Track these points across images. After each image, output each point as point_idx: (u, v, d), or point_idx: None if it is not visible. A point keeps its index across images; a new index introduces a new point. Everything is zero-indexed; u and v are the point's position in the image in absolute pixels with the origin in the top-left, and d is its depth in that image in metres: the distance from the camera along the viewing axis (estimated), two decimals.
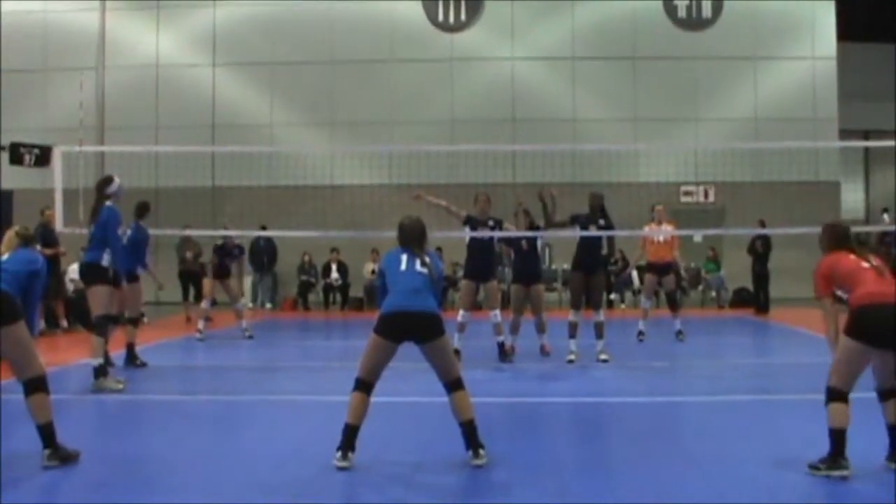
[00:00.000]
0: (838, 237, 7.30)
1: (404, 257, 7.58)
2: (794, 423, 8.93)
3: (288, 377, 13.26)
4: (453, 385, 7.35)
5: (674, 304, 17.28)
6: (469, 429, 7.29)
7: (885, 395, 6.94)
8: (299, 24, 29.62)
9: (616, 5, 29.77)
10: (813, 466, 6.77)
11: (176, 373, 13.59)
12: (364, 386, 7.31)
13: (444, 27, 29.87)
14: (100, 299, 11.28)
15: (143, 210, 14.62)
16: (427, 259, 7.56)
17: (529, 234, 14.29)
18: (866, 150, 34.80)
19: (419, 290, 7.38)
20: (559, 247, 22.06)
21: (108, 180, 11.74)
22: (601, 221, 14.00)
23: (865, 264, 7.00)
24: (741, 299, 26.73)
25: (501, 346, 13.91)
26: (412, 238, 7.68)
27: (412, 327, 7.30)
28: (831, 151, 28.58)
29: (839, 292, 7.05)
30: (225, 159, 26.15)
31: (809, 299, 8.16)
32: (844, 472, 6.62)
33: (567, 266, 17.23)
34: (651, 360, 14.56)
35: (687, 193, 28.87)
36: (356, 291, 27.55)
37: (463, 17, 29.82)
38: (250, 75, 29.81)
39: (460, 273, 18.43)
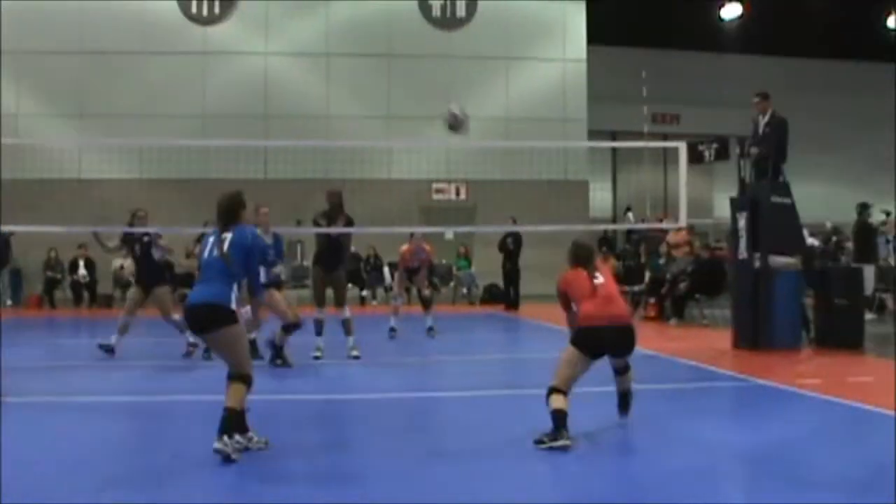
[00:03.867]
0: (578, 258, 8.30)
1: (210, 241, 7.42)
2: (542, 416, 8.92)
3: (36, 377, 12.33)
4: (233, 377, 7.21)
5: (425, 301, 17.30)
6: (226, 414, 7.06)
7: (619, 371, 8.38)
8: (45, 14, 28.42)
9: (370, 3, 29.81)
10: (538, 441, 7.47)
11: None
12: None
13: (198, 20, 29.28)
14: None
15: None
16: (229, 238, 7.31)
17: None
18: (614, 150, 36.05)
19: (209, 280, 7.31)
20: (309, 243, 21.80)
21: None
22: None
23: (595, 281, 8.11)
24: (492, 295, 27.17)
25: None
26: (219, 215, 7.46)
27: (194, 319, 7.31)
28: (580, 151, 29.48)
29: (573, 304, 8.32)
30: None
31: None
32: (566, 442, 7.39)
33: None
34: (403, 356, 14.55)
35: (439, 191, 29.20)
36: (104, 288, 26.66)
37: (217, 10, 29.31)
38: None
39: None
